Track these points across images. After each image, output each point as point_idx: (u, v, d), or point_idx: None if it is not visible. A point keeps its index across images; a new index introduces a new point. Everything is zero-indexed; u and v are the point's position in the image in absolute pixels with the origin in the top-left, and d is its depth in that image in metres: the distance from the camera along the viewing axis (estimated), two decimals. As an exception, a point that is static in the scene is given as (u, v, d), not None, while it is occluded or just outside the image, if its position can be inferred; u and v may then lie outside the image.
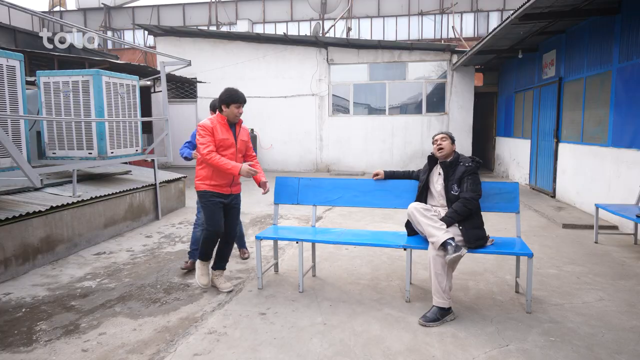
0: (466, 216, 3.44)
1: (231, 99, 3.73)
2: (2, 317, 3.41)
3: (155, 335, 3.12)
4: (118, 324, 3.30)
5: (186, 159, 4.65)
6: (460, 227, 3.43)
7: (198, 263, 3.95)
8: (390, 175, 4.12)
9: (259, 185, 3.95)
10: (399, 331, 3.15)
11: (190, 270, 4.42)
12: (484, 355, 2.83)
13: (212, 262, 4.03)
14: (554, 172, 8.25)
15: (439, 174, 3.69)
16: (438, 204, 3.66)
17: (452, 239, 3.27)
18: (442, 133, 3.76)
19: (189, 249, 4.56)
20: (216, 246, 3.96)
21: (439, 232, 3.30)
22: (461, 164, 3.58)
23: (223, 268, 4.05)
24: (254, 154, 4.16)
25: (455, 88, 12.41)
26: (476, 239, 3.41)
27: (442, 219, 3.43)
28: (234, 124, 3.86)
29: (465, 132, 12.46)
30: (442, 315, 3.26)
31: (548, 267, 4.55)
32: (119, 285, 4.08)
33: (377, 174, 4.12)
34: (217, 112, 3.85)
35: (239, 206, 4.11)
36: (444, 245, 3.25)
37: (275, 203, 4.31)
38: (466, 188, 3.48)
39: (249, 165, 3.75)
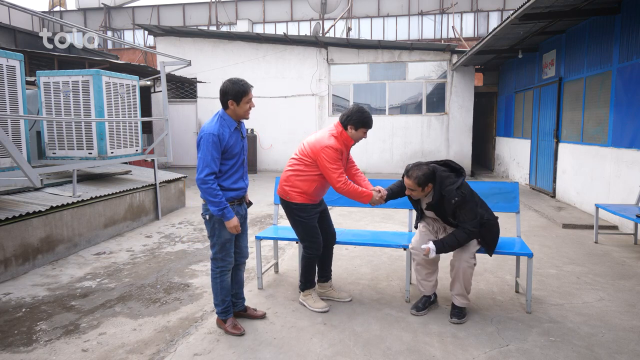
0: (467, 243, 3.27)
1: (363, 123, 3.31)
2: (2, 317, 3.41)
3: (155, 335, 3.12)
4: (118, 324, 3.30)
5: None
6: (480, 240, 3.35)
7: (305, 294, 3.57)
8: (391, 196, 3.55)
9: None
10: (399, 331, 3.15)
11: (224, 330, 3.20)
12: (484, 355, 2.83)
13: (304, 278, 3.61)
14: (554, 172, 8.25)
15: (427, 203, 3.40)
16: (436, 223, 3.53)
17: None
18: (411, 179, 3.21)
19: (217, 308, 3.20)
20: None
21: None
22: (446, 198, 3.19)
23: (331, 277, 3.80)
24: (352, 160, 3.71)
25: (455, 88, 12.41)
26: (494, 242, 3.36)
27: (437, 245, 3.20)
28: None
29: (465, 132, 12.46)
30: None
31: (548, 267, 4.55)
32: (119, 285, 4.08)
33: (380, 194, 3.48)
34: (341, 130, 3.35)
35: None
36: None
37: (275, 203, 4.31)
38: (463, 219, 3.20)
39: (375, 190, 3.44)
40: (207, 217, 3.08)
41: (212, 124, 2.96)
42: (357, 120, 3.30)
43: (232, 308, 3.24)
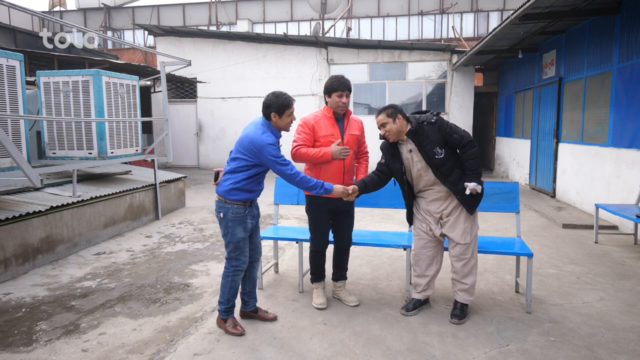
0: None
1: (332, 87, 3.33)
2: (2, 317, 3.41)
3: (155, 335, 3.12)
4: (118, 324, 3.30)
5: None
6: (459, 197, 3.20)
7: (314, 286, 3.65)
8: (363, 189, 3.38)
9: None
10: (399, 331, 3.15)
11: (225, 330, 3.17)
12: (484, 355, 2.83)
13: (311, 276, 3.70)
14: (554, 172, 8.25)
15: (410, 151, 3.25)
16: (426, 184, 3.29)
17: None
18: (380, 114, 3.23)
19: (220, 306, 3.18)
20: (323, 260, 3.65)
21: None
22: (425, 123, 3.15)
23: (345, 277, 3.75)
24: (366, 150, 3.67)
25: (455, 88, 12.41)
26: (474, 202, 3.23)
27: (472, 178, 3.13)
28: (341, 117, 3.45)
29: (465, 132, 12.46)
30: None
31: (548, 267, 4.55)
32: (119, 285, 4.08)
33: (351, 191, 3.29)
34: (325, 104, 3.50)
35: (353, 209, 3.63)
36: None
37: (275, 203, 4.32)
38: (459, 137, 3.15)
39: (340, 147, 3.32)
40: (222, 215, 3.07)
41: (264, 135, 3.00)
42: (327, 88, 3.40)
43: (234, 309, 3.24)
